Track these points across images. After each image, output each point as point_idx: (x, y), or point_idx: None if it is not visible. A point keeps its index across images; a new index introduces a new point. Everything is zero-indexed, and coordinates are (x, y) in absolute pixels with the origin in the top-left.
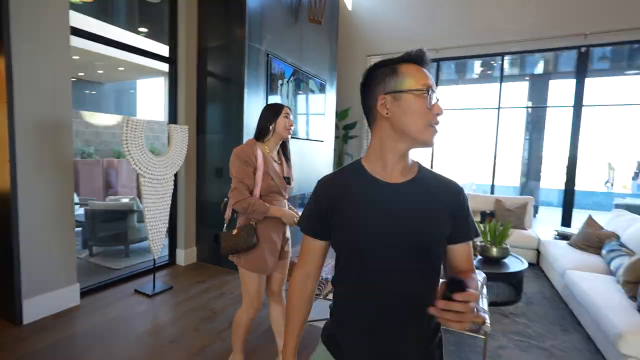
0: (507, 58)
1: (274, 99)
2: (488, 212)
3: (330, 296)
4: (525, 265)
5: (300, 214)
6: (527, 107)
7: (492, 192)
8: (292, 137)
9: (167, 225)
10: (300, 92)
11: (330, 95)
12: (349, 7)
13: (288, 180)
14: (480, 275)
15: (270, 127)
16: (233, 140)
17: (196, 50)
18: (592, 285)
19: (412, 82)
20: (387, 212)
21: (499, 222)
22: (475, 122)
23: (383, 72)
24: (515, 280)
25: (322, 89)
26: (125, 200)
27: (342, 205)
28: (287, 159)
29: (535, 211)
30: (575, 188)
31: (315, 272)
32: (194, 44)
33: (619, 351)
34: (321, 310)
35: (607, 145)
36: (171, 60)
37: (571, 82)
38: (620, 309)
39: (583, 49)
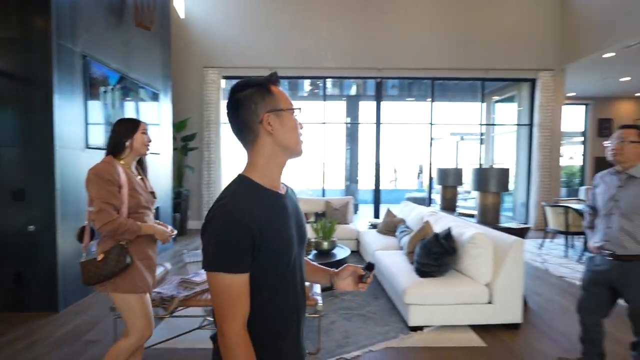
0: (329, 80)
1: (96, 106)
2: (320, 212)
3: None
4: (348, 252)
5: (173, 230)
6: (346, 123)
7: (323, 195)
8: None
9: None
10: (129, 99)
11: (165, 105)
12: (182, 15)
13: (153, 194)
14: None
15: (127, 144)
16: (40, 154)
17: None
18: (390, 260)
19: (286, 101)
20: (292, 220)
21: (327, 220)
22: (306, 136)
23: (259, 92)
24: (341, 265)
25: (155, 98)
26: None
27: (269, 225)
28: (145, 173)
29: (357, 208)
30: (381, 187)
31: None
32: None
33: (404, 302)
34: (173, 329)
35: (396, 153)
36: None
37: (373, 104)
38: (405, 273)
39: (379, 80)
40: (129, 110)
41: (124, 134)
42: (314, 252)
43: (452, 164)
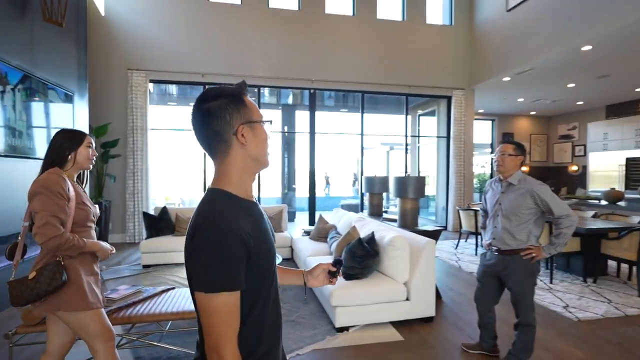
0: (267, 89)
1: None
2: None
3: None
4: (280, 259)
5: (111, 247)
6: (283, 132)
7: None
8: (28, 157)
9: None
10: (36, 100)
11: (81, 108)
12: (102, 12)
13: (97, 207)
14: None
15: (70, 157)
16: None
17: None
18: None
19: (258, 112)
20: (269, 228)
21: None
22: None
23: (234, 103)
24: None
25: (68, 100)
26: None
27: (257, 234)
28: (84, 187)
29: (294, 216)
30: (317, 195)
31: None
32: None
33: (331, 305)
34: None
35: (332, 162)
36: None
37: (307, 114)
38: None
39: (312, 90)
40: (36, 112)
41: (67, 147)
42: None
43: (383, 172)
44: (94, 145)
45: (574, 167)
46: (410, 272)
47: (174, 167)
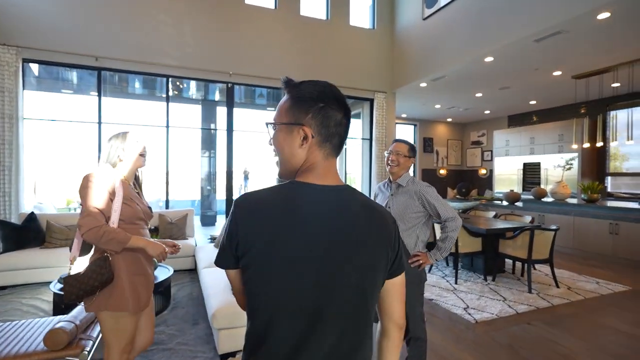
0: (193, 83)
1: None
2: (151, 228)
3: None
4: (171, 272)
5: (175, 245)
6: (201, 128)
7: (166, 207)
8: None
9: None
10: None
11: None
12: None
13: (150, 209)
14: None
15: (123, 155)
16: None
17: None
18: (211, 277)
19: None
20: None
21: (154, 236)
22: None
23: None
24: (162, 289)
25: None
26: None
27: None
28: (140, 187)
29: (214, 220)
30: (233, 197)
31: None
32: None
33: (214, 327)
34: None
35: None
36: None
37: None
38: (221, 292)
39: (229, 84)
40: None
41: (117, 146)
42: None
43: None
44: (141, 141)
45: (483, 171)
46: None
47: (69, 166)
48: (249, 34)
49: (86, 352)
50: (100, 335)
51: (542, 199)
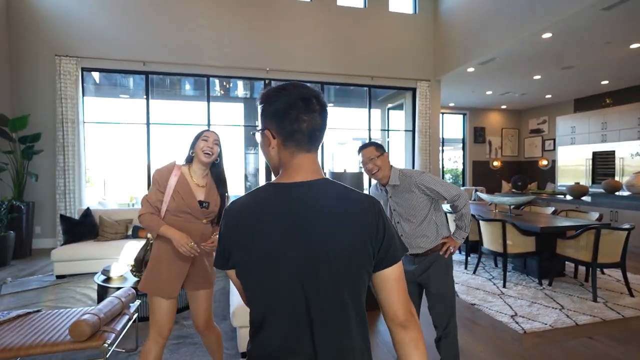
0: (238, 82)
1: None
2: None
3: None
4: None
5: (202, 244)
6: (244, 126)
7: None
8: None
9: None
10: None
11: None
12: None
13: (203, 203)
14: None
15: (191, 153)
16: None
17: None
18: None
19: None
20: None
21: None
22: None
23: None
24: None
25: None
26: None
27: None
28: (219, 183)
29: None
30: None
31: None
32: None
33: (233, 325)
34: None
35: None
36: None
37: None
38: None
39: (267, 81)
40: None
41: (191, 144)
42: None
43: (355, 168)
44: (212, 138)
45: (544, 162)
46: None
47: (132, 165)
48: (284, 29)
49: (107, 345)
50: (126, 328)
51: (616, 193)
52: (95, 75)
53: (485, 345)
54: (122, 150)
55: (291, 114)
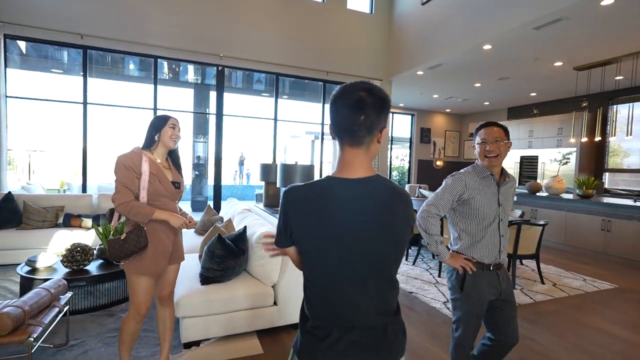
0: (190, 67)
1: None
2: None
3: None
4: None
5: (191, 219)
6: (193, 112)
7: None
8: None
9: None
10: None
11: None
12: None
13: (176, 184)
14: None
15: (156, 137)
16: None
17: None
18: (190, 264)
19: None
20: None
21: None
22: (133, 121)
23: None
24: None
25: None
26: None
27: None
28: (177, 166)
29: (205, 205)
30: (232, 183)
31: None
32: None
33: (178, 315)
34: None
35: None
36: None
37: (239, 97)
38: (188, 281)
39: (220, 67)
40: None
41: (155, 128)
42: (100, 261)
43: (308, 161)
44: (177, 126)
45: None
46: (281, 273)
47: (64, 148)
48: (240, 16)
49: (32, 339)
50: (55, 321)
51: (537, 194)
52: (22, 44)
53: (418, 330)
54: (53, 131)
55: (344, 112)
